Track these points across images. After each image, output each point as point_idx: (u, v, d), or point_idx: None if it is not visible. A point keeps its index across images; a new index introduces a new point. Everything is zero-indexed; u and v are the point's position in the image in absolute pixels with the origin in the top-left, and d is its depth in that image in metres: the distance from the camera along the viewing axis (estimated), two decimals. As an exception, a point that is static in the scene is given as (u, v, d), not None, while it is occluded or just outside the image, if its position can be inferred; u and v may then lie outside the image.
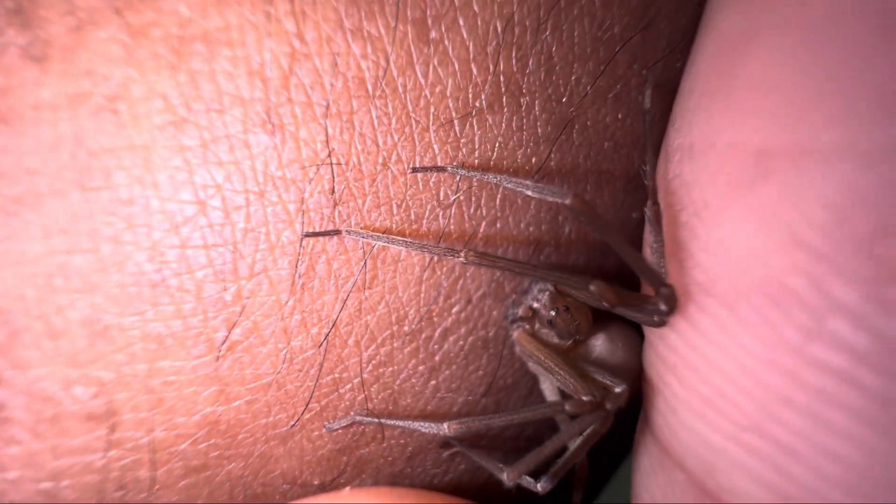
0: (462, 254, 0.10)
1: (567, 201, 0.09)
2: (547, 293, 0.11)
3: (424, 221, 0.10)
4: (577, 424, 0.11)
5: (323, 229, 0.10)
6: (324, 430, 0.11)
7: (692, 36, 0.10)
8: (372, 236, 0.10)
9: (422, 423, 0.11)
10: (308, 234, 0.10)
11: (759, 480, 0.09)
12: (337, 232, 0.10)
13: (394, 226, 0.10)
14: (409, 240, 0.10)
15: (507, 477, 0.11)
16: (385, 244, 0.10)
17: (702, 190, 0.10)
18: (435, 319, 0.11)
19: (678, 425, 0.10)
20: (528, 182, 0.09)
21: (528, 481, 0.11)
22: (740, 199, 0.09)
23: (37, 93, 0.09)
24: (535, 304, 0.11)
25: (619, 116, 0.11)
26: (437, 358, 0.12)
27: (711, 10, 0.10)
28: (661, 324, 0.10)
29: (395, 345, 0.11)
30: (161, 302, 0.10)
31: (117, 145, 0.09)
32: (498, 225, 0.11)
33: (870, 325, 0.08)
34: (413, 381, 0.12)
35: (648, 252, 0.11)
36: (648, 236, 0.11)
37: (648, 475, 0.11)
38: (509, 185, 0.10)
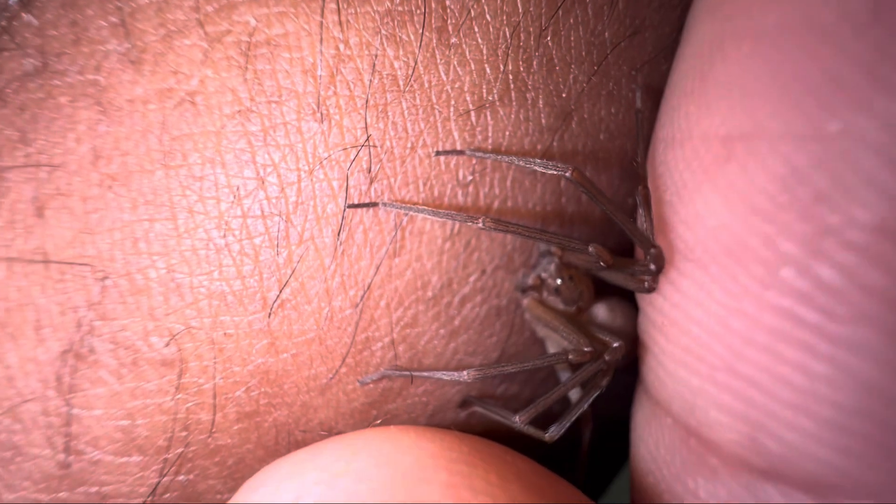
0: (480, 220, 0.12)
1: (567, 174, 0.11)
2: (553, 264, 0.13)
3: (446, 198, 0.12)
4: (578, 373, 0.12)
5: (361, 202, 0.12)
6: (357, 385, 0.13)
7: (676, 43, 0.12)
8: (403, 207, 0.12)
9: (445, 373, 0.12)
10: (350, 206, 0.12)
11: (730, 411, 0.10)
12: (374, 204, 0.12)
13: (420, 201, 0.12)
14: (435, 209, 0.12)
15: (518, 420, 0.12)
16: (414, 213, 0.12)
17: (681, 173, 0.11)
18: (454, 287, 0.13)
19: (665, 375, 0.12)
20: (535, 160, 0.11)
21: (537, 432, 0.13)
22: (710, 179, 0.11)
23: (132, 89, 0.12)
24: (544, 274, 0.13)
25: (612, 111, 0.13)
26: (455, 322, 0.13)
27: (690, 21, 0.12)
28: (651, 290, 0.12)
29: (419, 308, 0.13)
30: (225, 264, 0.12)
31: (194, 131, 0.12)
32: (508, 203, 0.12)
33: (811, 272, 0.09)
34: (435, 342, 0.13)
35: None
36: (640, 217, 0.12)
37: (643, 426, 0.13)
38: (519, 164, 0.12)
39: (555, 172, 0.11)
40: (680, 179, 0.11)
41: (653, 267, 0.11)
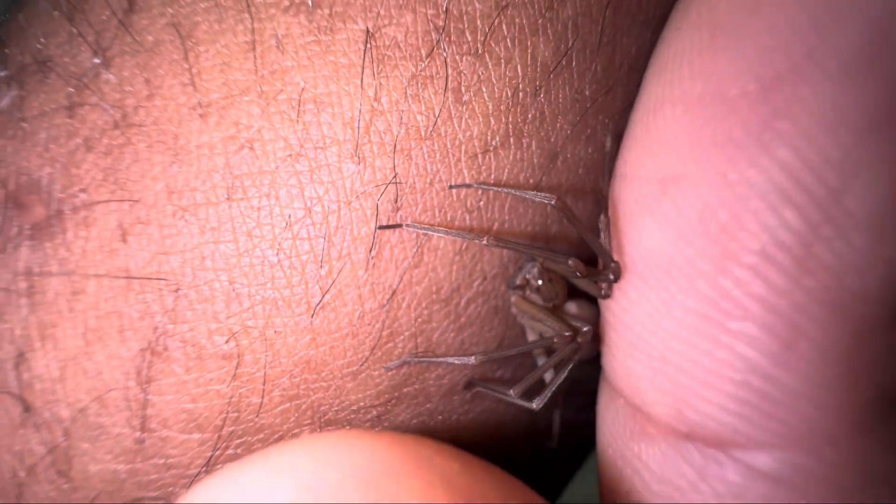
0: (485, 238, 0.15)
1: (553, 202, 0.14)
2: (536, 268, 0.16)
3: (456, 222, 0.15)
4: (558, 353, 0.16)
5: (389, 233, 0.15)
6: (383, 370, 0.16)
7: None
8: (423, 228, 0.15)
9: (455, 358, 0.15)
10: (380, 227, 0.14)
11: (662, 390, 0.14)
12: (399, 226, 0.15)
13: (436, 223, 0.15)
14: (448, 229, 0.15)
15: (512, 393, 0.15)
16: (432, 233, 0.15)
17: (629, 204, 0.15)
18: (462, 291, 0.16)
19: (617, 364, 0.15)
20: (528, 192, 0.14)
21: (527, 403, 0.16)
22: (649, 211, 0.14)
23: (199, 137, 0.14)
24: (528, 276, 0.16)
25: (590, 151, 0.16)
26: (462, 319, 0.16)
27: (644, 82, 0.15)
28: (607, 296, 0.15)
29: (434, 308, 0.16)
30: (277, 276, 0.15)
31: (253, 171, 0.14)
32: (506, 225, 0.15)
33: (717, 284, 0.13)
34: (446, 335, 0.16)
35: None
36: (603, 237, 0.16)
37: (604, 407, 0.16)
38: (516, 194, 0.15)
39: (543, 201, 0.14)
40: (628, 209, 0.15)
41: (611, 277, 0.15)
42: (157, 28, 0.14)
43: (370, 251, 0.15)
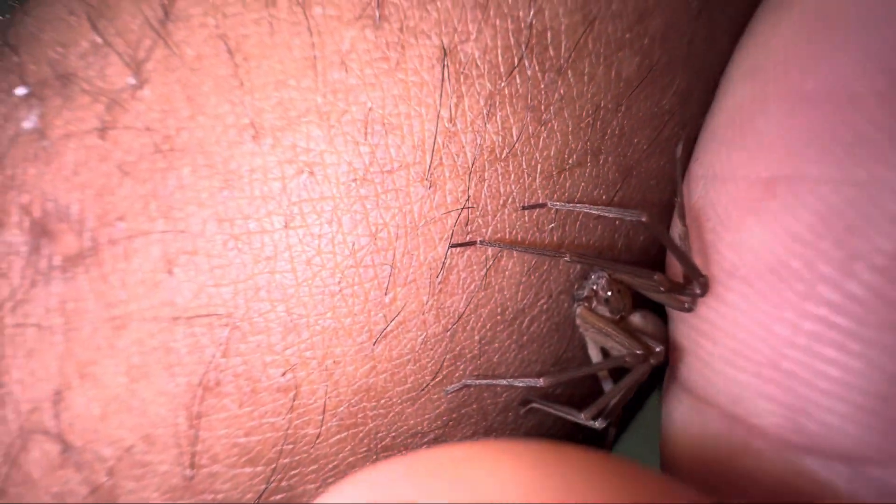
0: (567, 255, 0.14)
1: (643, 218, 0.13)
2: (604, 279, 0.15)
3: (527, 242, 0.14)
4: (631, 377, 0.15)
5: (457, 254, 0.14)
6: (443, 394, 0.16)
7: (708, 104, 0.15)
8: (501, 245, 0.14)
9: (521, 380, 0.15)
10: (452, 245, 0.14)
11: (774, 400, 0.13)
12: (473, 243, 0.14)
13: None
14: (527, 247, 0.14)
15: (584, 417, 0.15)
16: (510, 250, 0.14)
17: (724, 207, 0.14)
18: (526, 310, 0.15)
19: (711, 374, 0.14)
20: (611, 208, 0.14)
21: (591, 423, 0.16)
22: (754, 214, 0.13)
23: (252, 160, 0.13)
24: (595, 287, 0.16)
25: (662, 163, 0.15)
26: (525, 338, 0.16)
27: (727, 81, 0.14)
28: (690, 310, 0.15)
29: (497, 329, 0.15)
30: (337, 306, 0.14)
31: (313, 196, 0.13)
32: (575, 241, 0.15)
33: (843, 288, 0.12)
34: (507, 355, 0.16)
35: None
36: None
37: (684, 420, 0.16)
38: (598, 213, 0.14)
39: (632, 218, 0.13)
40: (724, 212, 0.14)
41: (698, 291, 0.14)
42: (198, 40, 0.13)
43: (437, 276, 0.14)
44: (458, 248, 0.14)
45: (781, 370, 0.13)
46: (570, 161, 0.14)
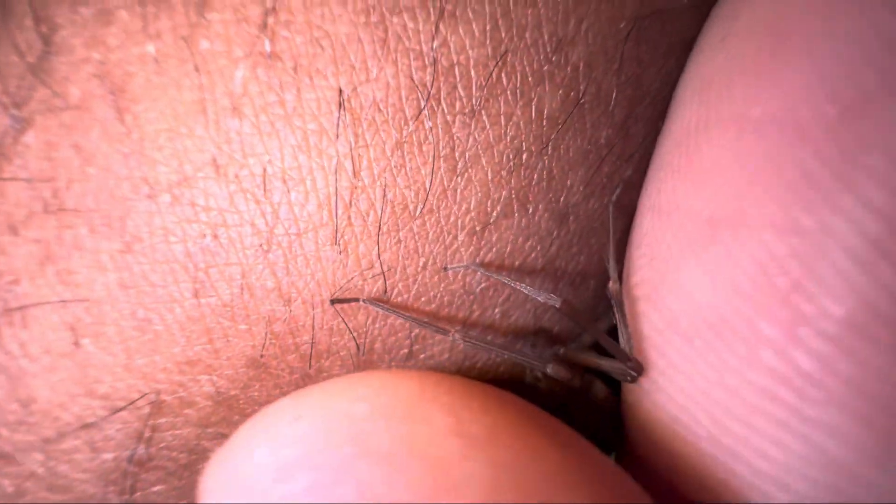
0: (451, 333, 0.13)
1: (557, 305, 0.12)
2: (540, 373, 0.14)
3: (454, 307, 0.13)
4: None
5: (378, 319, 0.13)
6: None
7: (658, 130, 0.13)
8: (381, 307, 0.13)
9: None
10: (333, 301, 0.12)
11: (711, 480, 0.12)
12: (356, 300, 0.13)
13: (431, 311, 0.13)
14: (410, 315, 0.13)
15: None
16: (392, 314, 0.13)
17: (668, 242, 0.12)
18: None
19: (651, 442, 0.13)
20: (527, 287, 0.12)
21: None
22: (695, 255, 0.11)
23: (151, 220, 0.12)
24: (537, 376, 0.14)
25: (605, 202, 0.13)
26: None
27: (676, 102, 0.13)
28: (634, 381, 0.13)
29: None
30: (265, 379, 0.13)
31: (219, 262, 0.12)
32: (510, 299, 0.14)
33: (788, 356, 0.10)
34: None
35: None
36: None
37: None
38: (513, 286, 0.13)
39: (546, 301, 0.12)
40: (667, 247, 0.12)
41: (633, 374, 0.13)
42: (82, 78, 0.11)
43: (362, 348, 0.13)
44: (383, 323, 0.13)
45: (721, 446, 0.11)
46: (495, 213, 0.12)
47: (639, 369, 0.12)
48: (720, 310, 0.11)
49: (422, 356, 0.14)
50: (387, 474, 0.09)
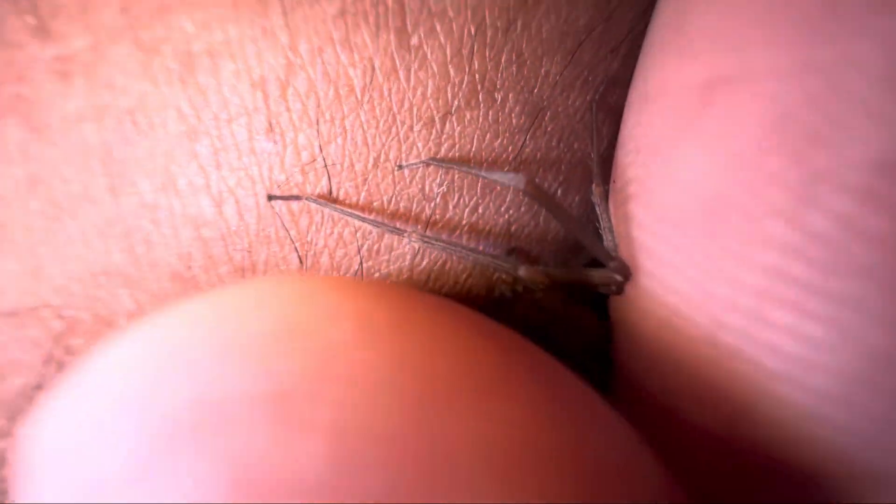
0: (407, 234, 0.11)
1: (521, 186, 0.10)
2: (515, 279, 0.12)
3: (412, 214, 0.11)
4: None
5: (324, 226, 0.11)
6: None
7: (650, 16, 0.11)
8: (328, 206, 0.11)
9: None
10: (271, 197, 0.11)
11: (709, 392, 0.10)
12: (298, 198, 0.11)
13: (386, 219, 0.11)
14: (363, 215, 0.11)
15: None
16: (342, 215, 0.11)
17: (656, 130, 0.10)
18: None
19: (638, 360, 0.11)
20: (492, 172, 0.10)
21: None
22: (687, 132, 0.10)
23: (64, 105, 0.11)
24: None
25: (587, 99, 0.12)
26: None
27: None
28: (619, 292, 0.11)
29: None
30: (190, 294, 0.12)
31: (139, 154, 0.11)
32: (479, 210, 0.12)
33: (801, 222, 0.09)
34: None
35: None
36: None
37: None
38: (475, 174, 0.11)
39: (508, 184, 0.10)
40: (655, 137, 0.10)
41: (618, 278, 0.11)
42: None
43: (304, 262, 0.11)
44: (329, 231, 0.11)
45: (721, 347, 0.09)
46: (457, 101, 0.11)
47: (625, 271, 0.11)
48: (717, 186, 0.09)
49: (375, 274, 0.12)
50: (271, 356, 0.07)
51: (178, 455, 0.06)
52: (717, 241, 0.09)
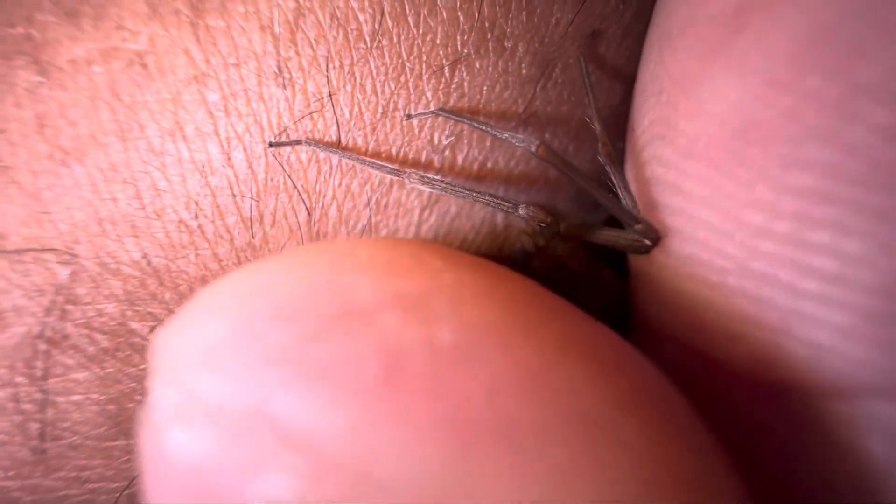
0: (407, 175, 0.11)
1: (533, 149, 0.10)
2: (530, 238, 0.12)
3: (422, 166, 0.11)
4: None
5: (332, 177, 0.11)
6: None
7: None
8: (326, 149, 0.11)
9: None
10: (272, 144, 0.11)
11: (743, 319, 0.10)
12: (298, 142, 0.11)
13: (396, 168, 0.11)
14: (361, 157, 0.11)
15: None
16: (340, 157, 0.11)
17: (681, 65, 0.10)
18: None
19: (667, 294, 0.11)
20: (504, 132, 0.10)
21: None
22: (717, 60, 0.09)
23: (72, 48, 0.11)
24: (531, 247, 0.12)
25: (600, 52, 0.12)
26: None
27: None
28: (647, 251, 0.11)
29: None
30: (200, 247, 0.11)
31: (148, 98, 0.11)
32: (489, 165, 0.12)
33: (840, 139, 0.08)
34: None
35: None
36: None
37: None
38: (486, 131, 0.11)
39: (521, 146, 0.10)
40: (680, 73, 0.10)
41: (647, 242, 0.11)
42: None
43: (313, 213, 0.11)
44: (338, 184, 0.11)
45: (755, 275, 0.09)
46: (466, 49, 0.11)
47: (653, 234, 0.10)
48: (748, 110, 0.09)
49: (384, 231, 0.12)
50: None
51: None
52: (751, 169, 0.09)
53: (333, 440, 0.07)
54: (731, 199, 0.09)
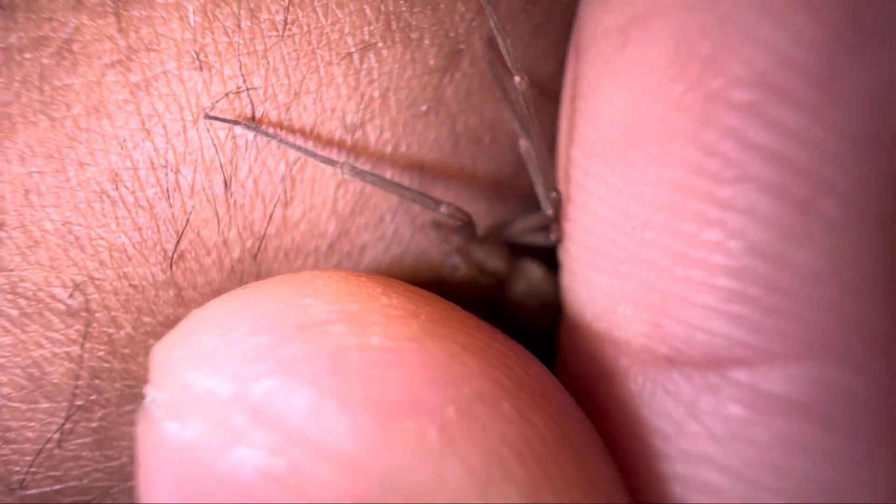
0: (339, 166, 0.12)
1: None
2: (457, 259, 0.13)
3: (335, 147, 0.12)
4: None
5: (247, 153, 0.12)
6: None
7: None
8: (260, 131, 0.12)
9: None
10: (208, 117, 0.11)
11: (635, 302, 0.11)
12: (237, 122, 0.12)
13: (308, 148, 0.12)
14: (292, 142, 0.12)
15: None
16: (276, 141, 0.12)
17: (585, 74, 0.11)
18: (352, 236, 0.13)
19: (577, 285, 0.12)
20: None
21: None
22: (609, 71, 0.11)
23: (6, 37, 0.11)
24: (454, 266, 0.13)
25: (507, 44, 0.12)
26: (361, 267, 0.13)
27: None
28: (557, 240, 0.12)
29: (318, 258, 0.13)
30: (121, 216, 0.12)
31: (74, 81, 0.11)
32: (402, 149, 0.12)
33: (699, 140, 0.10)
34: None
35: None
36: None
37: (566, 350, 0.13)
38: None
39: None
40: (583, 83, 0.11)
41: (549, 213, 0.11)
42: None
43: (229, 185, 0.12)
44: (254, 159, 0.12)
45: (640, 262, 0.10)
46: (373, 39, 0.11)
47: (557, 202, 0.11)
48: (632, 115, 0.10)
49: (299, 206, 0.12)
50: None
51: None
52: (634, 168, 0.10)
53: (294, 417, 0.09)
54: (620, 194, 0.11)
